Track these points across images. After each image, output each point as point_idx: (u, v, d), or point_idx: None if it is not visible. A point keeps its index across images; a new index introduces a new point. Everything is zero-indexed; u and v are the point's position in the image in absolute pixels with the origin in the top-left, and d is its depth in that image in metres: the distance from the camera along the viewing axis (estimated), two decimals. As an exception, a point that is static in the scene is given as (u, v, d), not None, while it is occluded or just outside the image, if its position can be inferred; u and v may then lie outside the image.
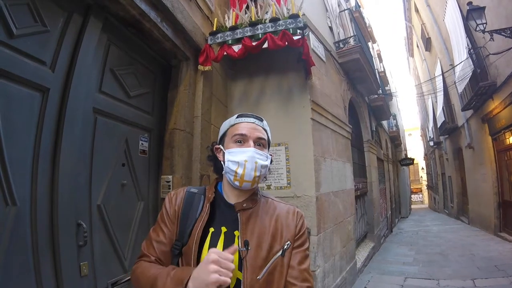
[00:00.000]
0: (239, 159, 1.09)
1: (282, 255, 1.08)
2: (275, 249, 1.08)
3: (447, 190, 17.93)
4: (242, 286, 1.00)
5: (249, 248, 1.04)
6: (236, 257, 1.03)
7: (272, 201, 1.22)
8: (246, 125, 1.15)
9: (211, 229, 1.09)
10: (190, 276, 0.90)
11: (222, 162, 1.16)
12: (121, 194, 2.52)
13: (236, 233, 1.08)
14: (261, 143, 1.16)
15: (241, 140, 1.13)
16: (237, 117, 1.18)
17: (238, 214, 1.11)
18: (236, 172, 1.09)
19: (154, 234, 1.16)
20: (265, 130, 1.20)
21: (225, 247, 1.05)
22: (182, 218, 1.13)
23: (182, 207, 1.16)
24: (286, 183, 3.88)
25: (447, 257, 7.01)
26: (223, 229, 1.09)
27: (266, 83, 4.19)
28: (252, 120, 1.17)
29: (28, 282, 1.67)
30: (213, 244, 1.05)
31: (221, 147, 1.18)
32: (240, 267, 1.02)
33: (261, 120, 1.20)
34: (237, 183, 1.11)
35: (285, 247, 1.09)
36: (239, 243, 1.05)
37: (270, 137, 1.24)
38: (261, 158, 1.12)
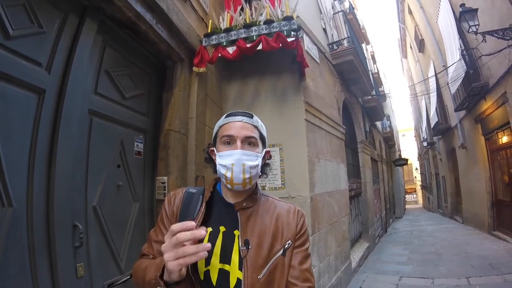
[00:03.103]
0: (227, 163, 1.07)
1: (283, 254, 1.07)
2: (275, 249, 1.07)
3: (441, 190, 18.05)
4: (242, 286, 0.99)
5: (249, 247, 1.04)
6: (236, 256, 1.04)
7: (272, 200, 1.21)
8: (233, 125, 1.12)
9: (209, 229, 1.07)
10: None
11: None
12: (117, 195, 2.52)
13: (236, 232, 1.07)
14: (251, 142, 1.12)
15: (229, 142, 1.10)
16: (225, 117, 1.15)
17: (238, 213, 1.10)
18: (225, 176, 1.08)
19: (153, 235, 1.16)
20: (256, 127, 1.15)
21: (223, 247, 1.05)
22: (180, 219, 1.12)
23: (181, 207, 1.15)
24: (280, 184, 3.90)
25: (442, 256, 7.07)
26: (222, 228, 1.08)
27: (261, 85, 4.21)
28: (239, 118, 1.13)
29: (25, 283, 1.67)
30: (211, 244, 1.06)
31: (214, 149, 1.16)
32: (241, 266, 1.02)
33: (251, 116, 1.15)
34: (229, 186, 1.10)
35: (286, 246, 1.08)
36: (239, 242, 1.05)
37: (263, 133, 1.19)
38: (249, 158, 1.08)
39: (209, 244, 0.83)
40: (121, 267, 2.45)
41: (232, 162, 1.07)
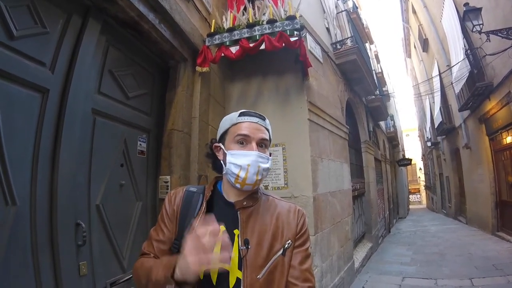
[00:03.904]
0: (242, 163, 1.06)
1: (283, 254, 1.06)
2: (275, 248, 1.06)
3: (445, 190, 17.97)
4: (242, 286, 0.99)
5: (249, 246, 1.03)
6: (236, 256, 1.02)
7: (273, 199, 1.20)
8: (249, 125, 1.11)
9: None
10: (176, 264, 0.89)
11: (222, 162, 1.13)
12: (120, 194, 2.54)
13: (236, 231, 1.06)
14: (264, 144, 1.12)
15: (244, 141, 1.10)
16: (239, 115, 1.13)
17: (238, 212, 1.09)
18: (238, 175, 1.07)
19: (154, 234, 1.15)
20: (267, 130, 1.16)
21: (223, 246, 1.06)
22: (181, 217, 1.12)
23: (181, 206, 1.14)
24: (283, 183, 3.90)
25: (445, 256, 7.03)
26: (222, 227, 1.04)
27: (264, 84, 4.21)
28: (255, 119, 1.12)
29: (28, 281, 1.68)
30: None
31: (221, 146, 1.14)
32: (240, 266, 1.01)
33: (264, 119, 1.16)
34: (238, 185, 1.09)
35: (286, 246, 1.08)
36: (239, 241, 1.04)
37: (271, 136, 1.19)
38: (264, 161, 1.09)
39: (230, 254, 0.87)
40: (124, 265, 2.47)
41: (249, 163, 1.06)
